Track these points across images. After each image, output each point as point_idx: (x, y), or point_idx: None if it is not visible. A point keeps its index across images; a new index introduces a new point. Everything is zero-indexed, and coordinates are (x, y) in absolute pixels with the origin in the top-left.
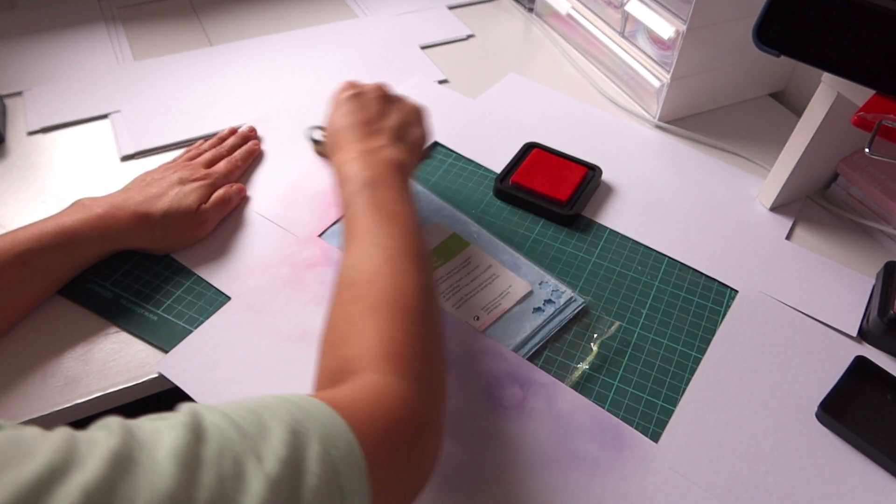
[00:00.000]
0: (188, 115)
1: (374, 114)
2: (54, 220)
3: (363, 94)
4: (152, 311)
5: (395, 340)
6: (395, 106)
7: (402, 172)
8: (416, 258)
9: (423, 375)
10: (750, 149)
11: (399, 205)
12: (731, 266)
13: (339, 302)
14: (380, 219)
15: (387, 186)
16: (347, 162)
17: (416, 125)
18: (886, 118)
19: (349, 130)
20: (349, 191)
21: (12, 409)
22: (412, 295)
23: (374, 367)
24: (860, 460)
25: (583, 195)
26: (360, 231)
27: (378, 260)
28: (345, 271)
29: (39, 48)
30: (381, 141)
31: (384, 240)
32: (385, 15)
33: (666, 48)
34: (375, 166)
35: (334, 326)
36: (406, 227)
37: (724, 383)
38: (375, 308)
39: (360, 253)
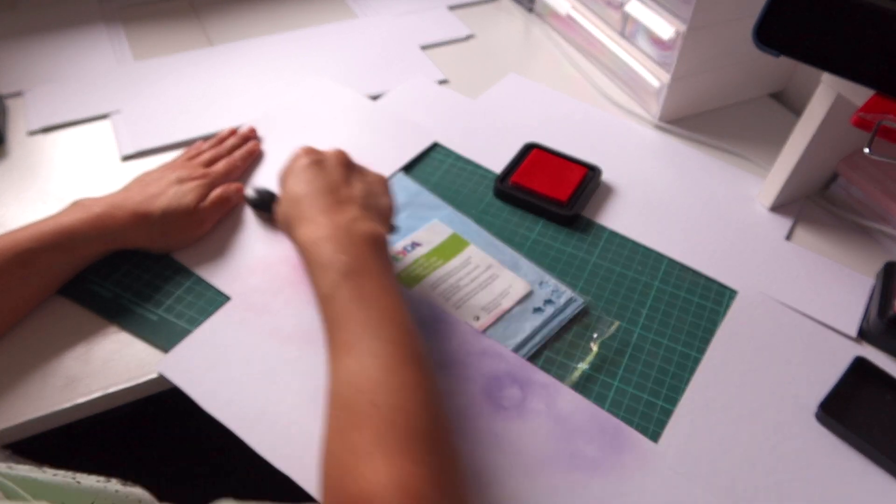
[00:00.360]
0: (188, 115)
1: (338, 181)
2: (53, 220)
3: (323, 160)
4: (152, 311)
5: (409, 475)
6: (358, 174)
7: (381, 249)
8: (416, 363)
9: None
10: (750, 149)
11: (386, 296)
12: (731, 266)
13: (339, 428)
14: (368, 318)
15: (370, 273)
16: (318, 242)
17: (383, 194)
18: (886, 118)
19: (312, 199)
20: (326, 280)
21: (12, 409)
22: (423, 416)
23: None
24: (860, 460)
25: (583, 195)
26: (347, 336)
27: (375, 374)
28: (339, 388)
29: (40, 48)
30: (351, 212)
31: (378, 345)
32: (385, 15)
33: (666, 48)
34: (352, 248)
35: (334, 461)
36: (398, 323)
37: (723, 383)
38: (383, 438)
39: (353, 365)
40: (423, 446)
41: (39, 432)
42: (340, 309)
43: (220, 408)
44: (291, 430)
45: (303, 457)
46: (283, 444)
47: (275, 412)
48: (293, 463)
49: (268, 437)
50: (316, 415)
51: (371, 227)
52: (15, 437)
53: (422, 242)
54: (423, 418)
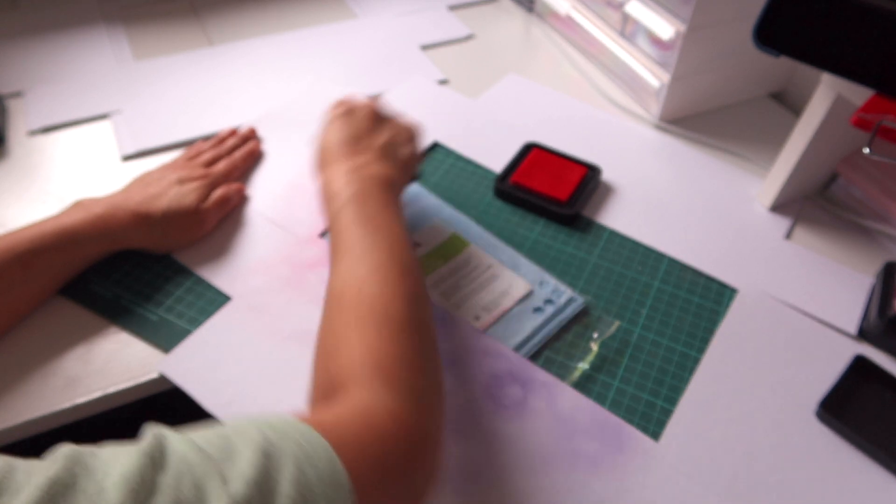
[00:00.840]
0: (189, 115)
1: (363, 131)
2: (54, 220)
3: (353, 111)
4: (152, 311)
5: (382, 352)
6: (387, 124)
7: (389, 188)
8: (403, 267)
9: (415, 388)
10: (750, 149)
11: (384, 217)
12: (731, 265)
13: (327, 317)
14: (365, 231)
15: (372, 200)
16: (332, 180)
17: (406, 144)
18: (886, 118)
19: (336, 148)
20: (334, 208)
21: (12, 409)
22: (400, 305)
23: (362, 381)
24: (860, 458)
25: (583, 195)
26: (345, 245)
27: (364, 271)
28: (331, 285)
29: (40, 48)
30: (366, 157)
31: (370, 251)
32: (385, 15)
33: (666, 48)
34: (360, 181)
35: (323, 341)
36: (392, 237)
37: (724, 382)
38: (362, 319)
39: (345, 266)
40: (397, 327)
41: (39, 432)
42: (341, 226)
43: (222, 407)
44: None
45: None
46: None
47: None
48: None
49: None
50: None
51: (382, 169)
52: (15, 437)
53: (422, 242)
54: (399, 306)
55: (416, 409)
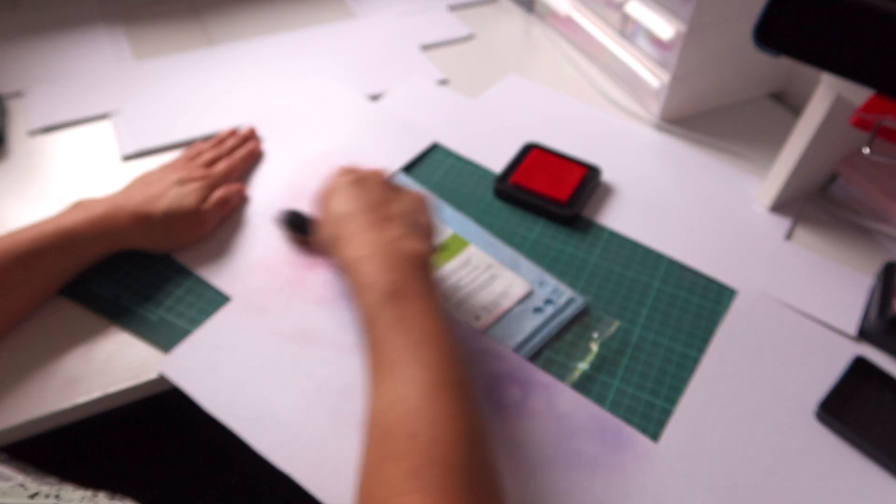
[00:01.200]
0: (189, 114)
1: (380, 199)
2: (54, 221)
3: (365, 179)
4: (152, 311)
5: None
6: (399, 193)
7: (427, 269)
8: (460, 393)
9: None
10: (750, 149)
11: (431, 320)
12: (731, 266)
13: (374, 459)
14: (410, 342)
15: (414, 295)
16: (362, 260)
17: (423, 213)
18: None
19: (356, 217)
20: (370, 301)
21: (12, 409)
22: (461, 450)
23: None
24: (860, 459)
25: (583, 195)
26: (389, 360)
27: (415, 402)
28: (377, 416)
29: (40, 48)
30: (396, 230)
31: (419, 372)
32: (385, 15)
33: (666, 48)
34: (397, 266)
35: (369, 492)
36: (442, 349)
37: (723, 383)
38: (419, 472)
39: (392, 392)
40: (460, 482)
41: (39, 432)
42: (382, 331)
43: (222, 408)
44: (292, 429)
45: (304, 456)
46: (285, 443)
47: (276, 412)
48: (294, 463)
49: (269, 437)
50: (316, 414)
51: (416, 245)
52: (15, 437)
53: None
54: (462, 452)
55: None
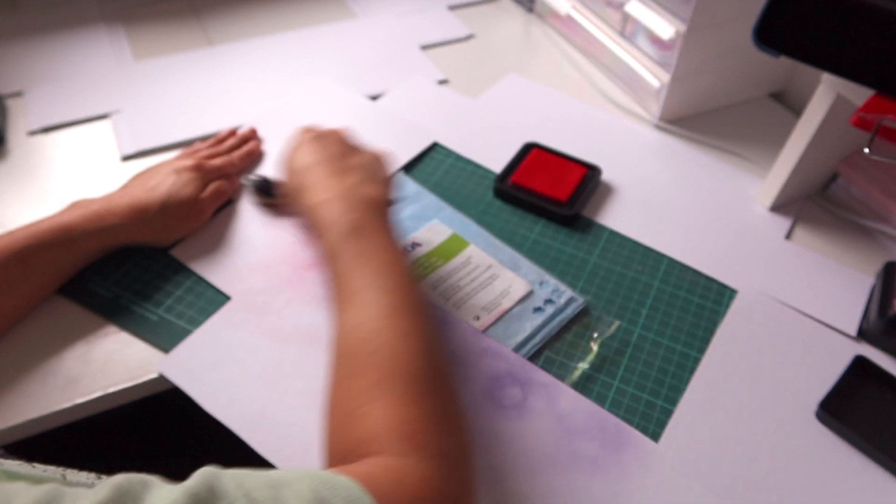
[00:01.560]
0: (188, 115)
1: (339, 152)
2: (51, 219)
3: (324, 136)
4: (152, 310)
5: (407, 418)
6: (358, 149)
7: (384, 213)
8: (416, 313)
9: (444, 450)
10: (750, 149)
11: (388, 253)
12: (731, 266)
13: (340, 378)
14: (369, 271)
15: (373, 232)
16: (324, 203)
17: (381, 167)
18: (886, 118)
19: (319, 167)
20: (332, 238)
21: (12, 409)
22: (419, 360)
23: (389, 449)
24: (860, 459)
25: (583, 195)
26: (350, 288)
27: (374, 323)
28: (341, 339)
29: (40, 48)
30: (355, 177)
31: (378, 296)
32: (385, 15)
33: (666, 48)
34: (357, 207)
35: (338, 407)
36: (399, 277)
37: (724, 383)
38: (381, 383)
39: (354, 316)
40: (419, 388)
41: (39, 432)
42: (344, 263)
43: (221, 408)
44: (292, 430)
45: (304, 456)
46: (285, 444)
47: (276, 412)
48: (295, 462)
49: (269, 437)
50: (317, 415)
51: (374, 190)
52: (15, 437)
53: (422, 243)
54: (420, 363)
55: (447, 471)
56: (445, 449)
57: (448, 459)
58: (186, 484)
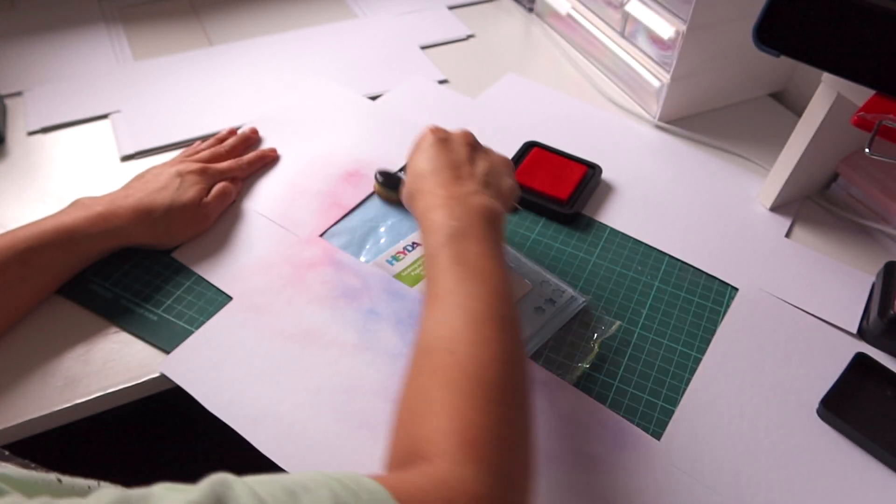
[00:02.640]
0: (188, 115)
1: (462, 159)
2: (54, 218)
3: (450, 139)
4: (152, 311)
5: (472, 423)
6: (483, 154)
7: (492, 222)
8: (501, 323)
9: (502, 467)
10: (750, 149)
11: (486, 260)
12: (732, 264)
13: (415, 373)
14: (463, 276)
15: (475, 238)
16: (432, 209)
17: (506, 175)
18: (886, 118)
19: (435, 175)
20: (433, 242)
21: (12, 409)
22: (496, 369)
23: (447, 454)
24: (861, 456)
25: (583, 194)
26: (441, 289)
27: (458, 325)
28: (422, 336)
29: (39, 48)
30: (469, 186)
31: (466, 301)
32: (385, 15)
33: (666, 48)
34: (463, 215)
35: (408, 401)
36: (492, 286)
37: (725, 381)
38: (452, 383)
39: (439, 316)
40: (490, 396)
41: (39, 432)
42: (439, 266)
43: (224, 407)
44: (295, 428)
45: (306, 454)
46: (287, 442)
47: (278, 411)
48: (296, 462)
49: (271, 436)
50: (318, 414)
51: (486, 200)
52: (15, 437)
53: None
54: (495, 371)
55: (500, 490)
56: (505, 465)
57: (506, 479)
58: (191, 497)
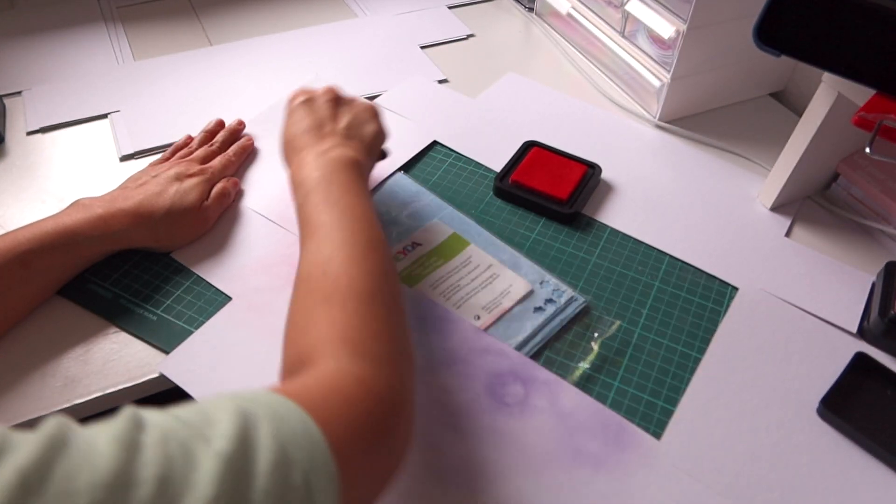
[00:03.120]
0: (188, 115)
1: (325, 117)
2: (54, 220)
3: (313, 99)
4: (152, 311)
5: (348, 325)
6: (347, 107)
7: (354, 169)
8: (368, 244)
9: (382, 355)
10: (750, 149)
11: (350, 197)
12: (732, 264)
13: (295, 298)
14: (330, 213)
15: (337, 183)
16: (300, 167)
17: (369, 122)
18: (887, 118)
19: (301, 137)
20: (301, 194)
21: (12, 409)
22: (365, 280)
23: (328, 353)
24: (861, 455)
25: (583, 193)
26: (311, 228)
27: (329, 251)
28: (300, 267)
29: (39, 48)
30: (331, 142)
31: (335, 231)
32: (385, 15)
33: (666, 48)
34: (324, 167)
35: (291, 321)
36: (357, 216)
37: (725, 380)
38: (327, 297)
39: (312, 247)
40: (365, 302)
41: None
42: (308, 210)
43: None
44: None
45: None
46: None
47: None
48: None
49: None
50: None
51: (346, 152)
52: None
53: (422, 242)
54: (366, 281)
55: (384, 374)
56: (384, 353)
57: (384, 363)
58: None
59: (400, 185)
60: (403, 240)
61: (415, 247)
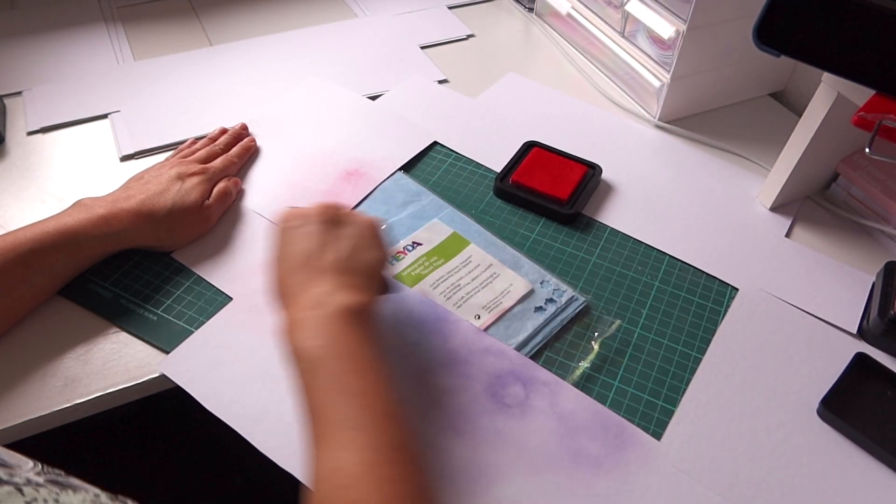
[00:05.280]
0: (188, 115)
1: (317, 246)
2: (55, 220)
3: (301, 225)
4: (152, 311)
5: None
6: (343, 229)
7: (360, 321)
8: (398, 454)
9: None
10: (750, 149)
11: (362, 378)
12: (732, 264)
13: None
14: (343, 404)
15: (344, 356)
16: (292, 330)
17: (368, 249)
18: (887, 118)
19: (292, 275)
20: (301, 370)
21: (12, 409)
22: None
23: None
24: (861, 456)
25: (583, 194)
26: (324, 426)
27: (354, 468)
28: (317, 484)
29: (39, 48)
30: (325, 284)
31: (356, 436)
32: (385, 15)
33: (666, 48)
34: (323, 331)
35: None
36: (379, 409)
37: (725, 381)
38: None
39: (330, 459)
40: None
41: (39, 432)
42: (315, 397)
43: (224, 407)
44: (294, 428)
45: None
46: (286, 441)
47: (278, 410)
48: (296, 461)
49: (271, 436)
50: None
51: (347, 297)
52: (14, 437)
53: (422, 242)
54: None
55: None
56: None
57: None
58: None
59: (400, 185)
60: (403, 240)
61: (415, 246)
